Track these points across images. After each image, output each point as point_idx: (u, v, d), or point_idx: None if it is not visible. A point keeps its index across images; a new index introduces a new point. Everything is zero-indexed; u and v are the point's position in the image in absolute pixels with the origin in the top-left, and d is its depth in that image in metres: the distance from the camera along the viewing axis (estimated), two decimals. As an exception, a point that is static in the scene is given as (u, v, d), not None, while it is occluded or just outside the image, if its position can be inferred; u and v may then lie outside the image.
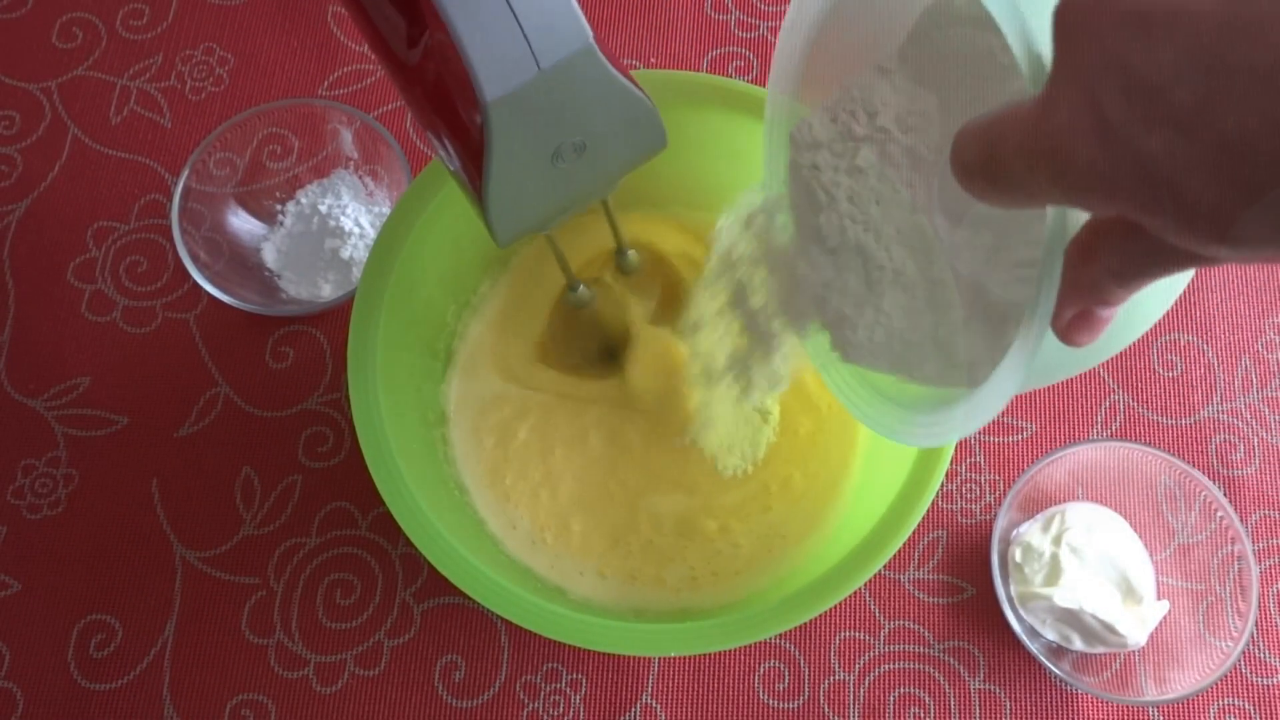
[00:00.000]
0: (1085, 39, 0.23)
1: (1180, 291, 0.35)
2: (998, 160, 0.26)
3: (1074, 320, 0.29)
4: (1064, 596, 0.53)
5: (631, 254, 0.54)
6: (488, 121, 0.35)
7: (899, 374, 0.39)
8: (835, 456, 0.56)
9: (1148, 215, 0.23)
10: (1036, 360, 0.30)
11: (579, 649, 0.45)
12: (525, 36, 0.34)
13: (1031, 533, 0.56)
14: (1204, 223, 0.22)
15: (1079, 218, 0.29)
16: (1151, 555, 0.56)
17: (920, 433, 0.38)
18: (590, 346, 0.58)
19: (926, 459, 0.47)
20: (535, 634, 0.45)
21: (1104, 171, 0.23)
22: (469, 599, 0.45)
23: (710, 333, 0.48)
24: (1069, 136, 0.24)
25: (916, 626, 0.57)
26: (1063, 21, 0.24)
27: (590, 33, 0.34)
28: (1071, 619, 0.54)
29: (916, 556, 0.58)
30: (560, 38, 0.34)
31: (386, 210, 0.63)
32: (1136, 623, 0.54)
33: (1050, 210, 0.28)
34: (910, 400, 0.40)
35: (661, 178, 0.57)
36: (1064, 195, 0.25)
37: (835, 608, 0.45)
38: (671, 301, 0.58)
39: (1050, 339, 0.30)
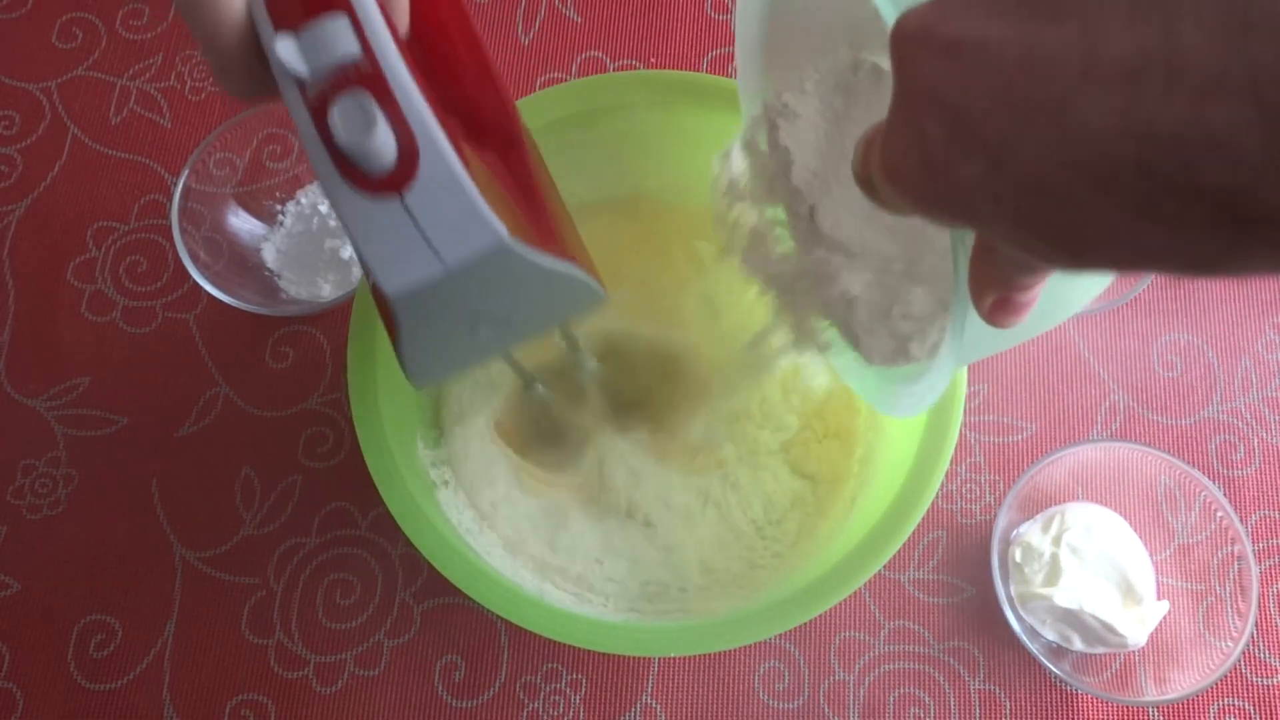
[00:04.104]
0: (910, 66, 0.23)
1: (1110, 276, 0.36)
2: (866, 176, 0.27)
3: (995, 304, 0.29)
4: (1064, 596, 0.53)
5: (592, 364, 0.53)
6: (394, 309, 0.33)
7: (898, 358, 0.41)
8: (835, 457, 0.56)
9: (985, 236, 0.24)
10: (968, 338, 0.32)
11: (579, 649, 0.45)
12: (426, 239, 0.31)
13: (1031, 533, 0.56)
14: (1038, 251, 0.22)
15: None
16: (1151, 555, 0.56)
17: (901, 403, 0.41)
18: (549, 435, 0.57)
19: (926, 459, 0.47)
20: (535, 634, 0.45)
21: (931, 196, 0.24)
22: (469, 599, 0.45)
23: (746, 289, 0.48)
24: (903, 160, 0.24)
25: (916, 626, 0.57)
26: (895, 46, 0.24)
27: (502, 231, 0.31)
28: (1071, 619, 0.54)
29: (916, 556, 0.58)
30: (464, 236, 0.31)
31: (386, 210, 0.63)
32: (1136, 623, 0.54)
33: None
34: (897, 374, 0.42)
35: (662, 178, 0.57)
36: (915, 211, 0.25)
37: (835, 608, 0.45)
38: (653, 400, 0.57)
39: (979, 320, 0.31)
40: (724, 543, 0.55)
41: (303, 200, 0.64)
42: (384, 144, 0.30)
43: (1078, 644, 0.55)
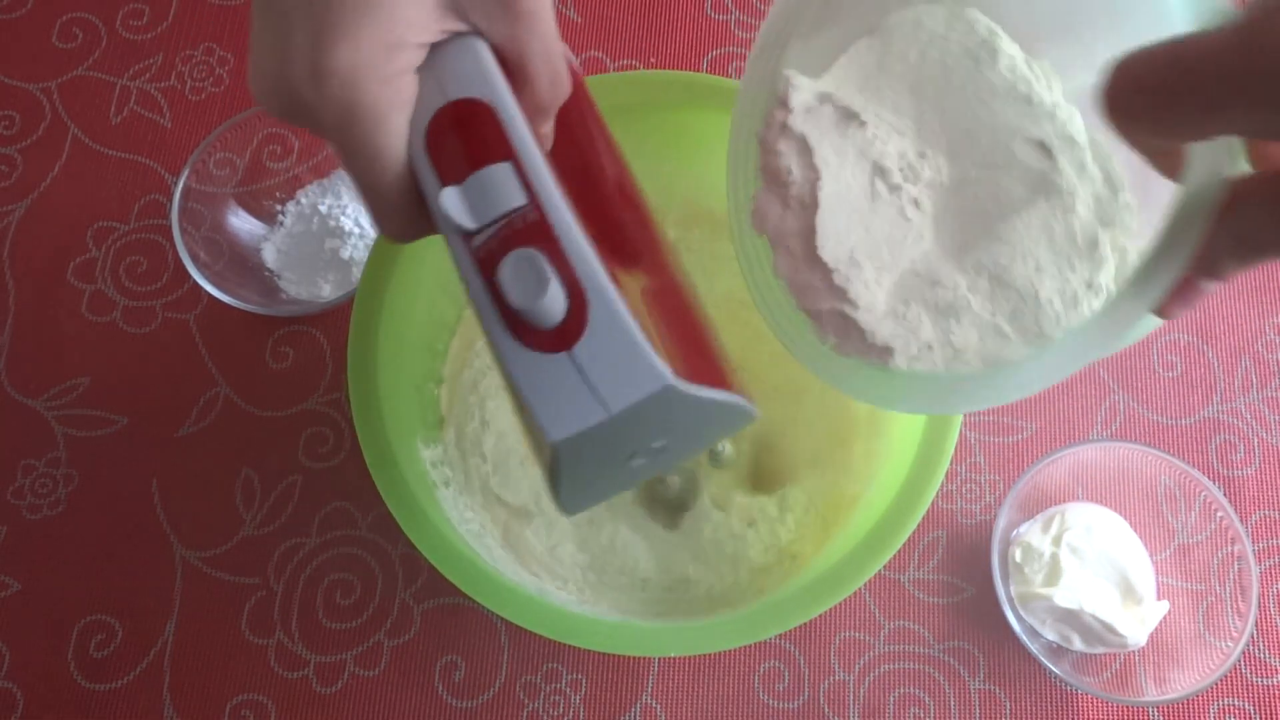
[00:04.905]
0: None
1: None
2: (1190, 84, 0.24)
3: (1181, 287, 0.28)
4: (1064, 596, 0.53)
5: (727, 446, 0.52)
6: (555, 453, 0.32)
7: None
8: (834, 457, 0.56)
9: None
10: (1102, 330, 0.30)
11: (579, 649, 0.45)
12: (592, 389, 0.30)
13: (1031, 533, 0.56)
14: None
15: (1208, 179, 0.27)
16: (1151, 555, 0.56)
17: (965, 398, 0.37)
18: (664, 513, 0.57)
19: (926, 459, 0.47)
20: (535, 634, 0.45)
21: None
22: (469, 599, 0.45)
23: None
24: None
25: (916, 626, 0.57)
26: None
27: (668, 374, 0.31)
28: (1071, 619, 0.54)
29: (916, 556, 0.58)
30: (633, 384, 0.31)
31: (386, 210, 0.63)
32: (1136, 623, 0.54)
33: (1201, 161, 0.27)
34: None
35: (662, 179, 0.57)
36: (1267, 119, 0.23)
37: (835, 608, 0.45)
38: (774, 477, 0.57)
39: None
40: (725, 543, 0.55)
41: (303, 200, 0.64)
42: (555, 301, 0.30)
43: (1078, 644, 0.55)
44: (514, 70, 0.32)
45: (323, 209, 0.63)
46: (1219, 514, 0.55)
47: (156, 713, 0.56)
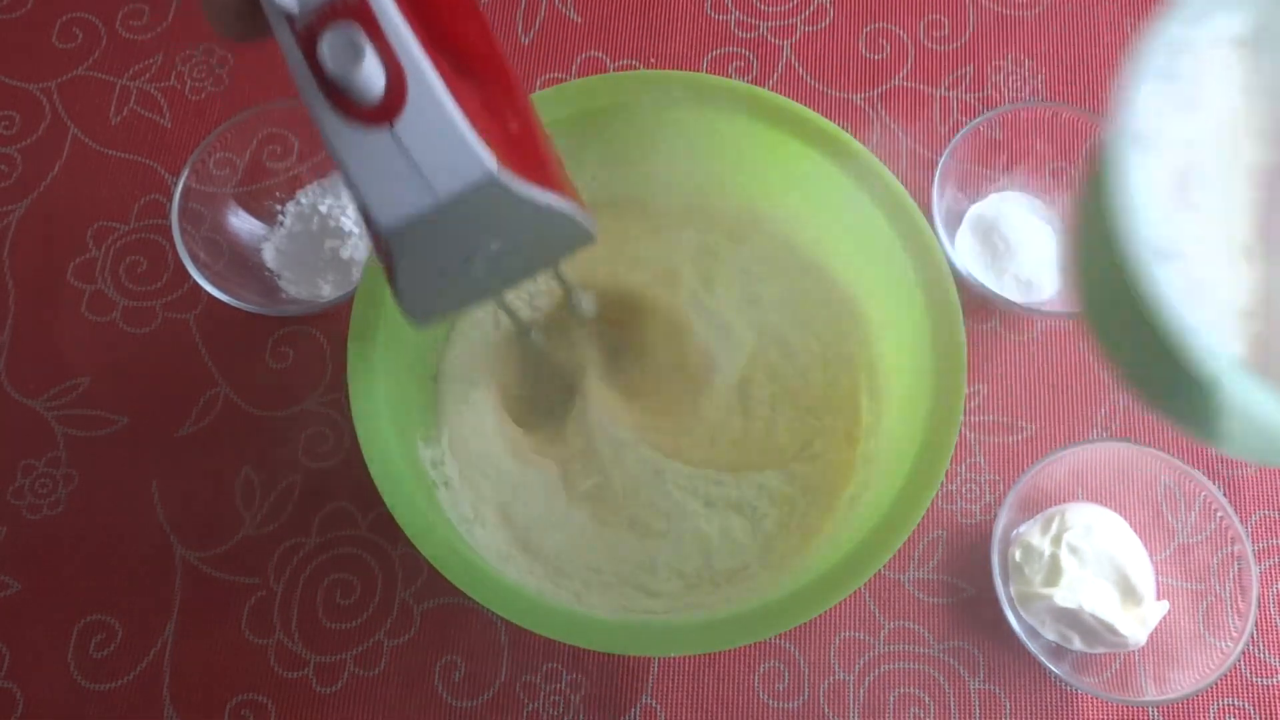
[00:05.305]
0: None
1: None
2: None
3: None
4: (1064, 596, 0.53)
5: (586, 298, 0.52)
6: (388, 241, 0.34)
7: None
8: (834, 457, 0.56)
9: None
10: None
11: (579, 649, 0.45)
12: (417, 169, 0.32)
13: (1031, 533, 0.56)
14: None
15: None
16: (1151, 555, 0.56)
17: None
18: (552, 395, 0.57)
19: (926, 459, 0.47)
20: (535, 634, 0.45)
21: None
22: (469, 599, 0.45)
23: None
24: None
25: (916, 626, 0.57)
26: None
27: (491, 163, 0.32)
28: (1071, 619, 0.54)
29: (916, 556, 0.58)
30: (454, 167, 0.32)
31: (386, 210, 0.63)
32: (1136, 623, 0.54)
33: None
34: None
35: (662, 179, 0.57)
36: None
37: (835, 608, 0.45)
38: (642, 345, 0.57)
39: None
40: (724, 543, 0.55)
41: (303, 200, 0.64)
42: (372, 74, 0.31)
43: (1078, 644, 0.55)
44: None
45: (323, 209, 0.63)
46: (1219, 514, 0.55)
47: (156, 713, 0.56)
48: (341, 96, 0.32)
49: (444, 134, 0.32)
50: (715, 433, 0.57)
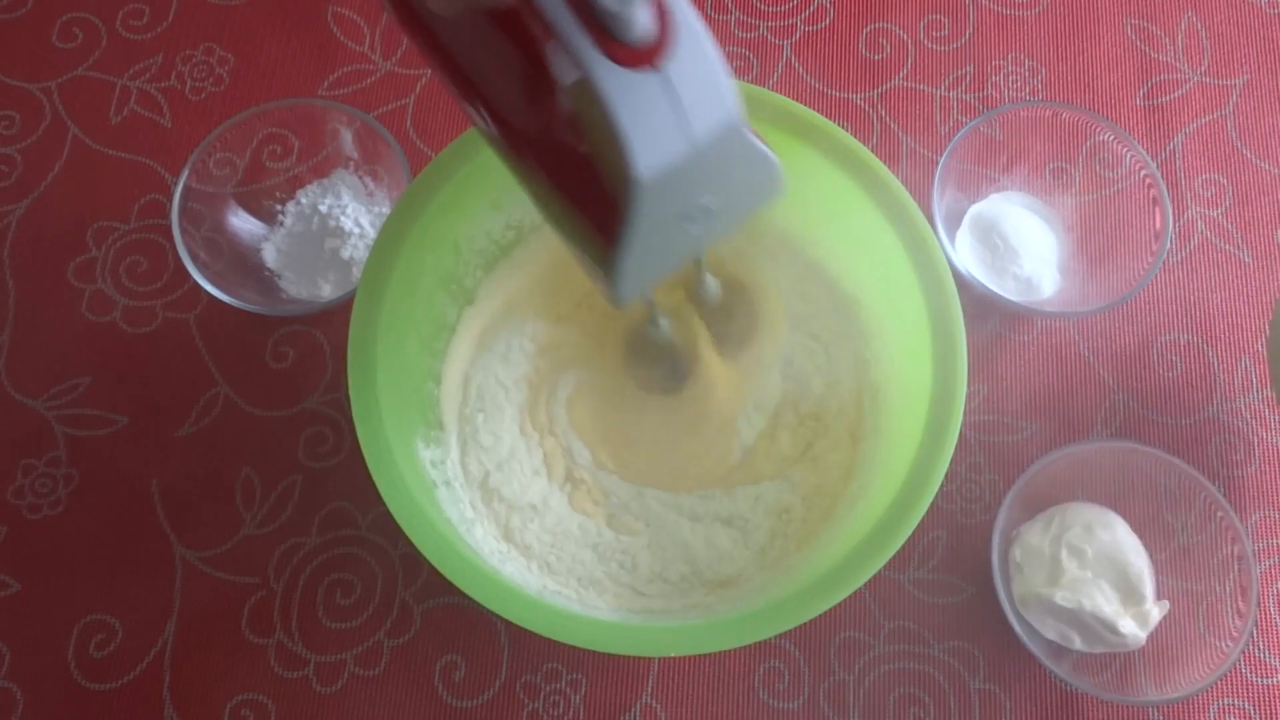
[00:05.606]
0: None
1: None
2: None
3: None
4: (1064, 596, 0.53)
5: (712, 281, 0.51)
6: (632, 198, 0.32)
7: None
8: (835, 457, 0.56)
9: None
10: None
11: (579, 649, 0.45)
12: (683, 112, 0.30)
13: (1031, 533, 0.56)
14: None
15: None
16: (1151, 555, 0.56)
17: None
18: (658, 372, 0.56)
19: (926, 459, 0.47)
20: (535, 634, 0.45)
21: None
22: (469, 599, 0.45)
23: None
24: None
25: (916, 626, 0.57)
26: None
27: (740, 108, 0.31)
28: (1071, 619, 0.54)
29: (916, 556, 0.58)
30: (714, 111, 0.31)
31: (386, 210, 0.63)
32: (1136, 623, 0.54)
33: None
34: None
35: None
36: None
37: (835, 608, 0.45)
38: (749, 330, 0.57)
39: None
40: (710, 553, 0.55)
41: (303, 200, 0.64)
42: (645, 10, 0.29)
43: (1078, 644, 0.55)
44: None
45: (323, 209, 0.63)
46: (1219, 514, 0.55)
47: (156, 713, 0.56)
48: (610, 38, 0.30)
49: (708, 76, 0.31)
50: (721, 455, 0.57)
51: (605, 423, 0.58)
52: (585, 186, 0.36)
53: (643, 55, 0.30)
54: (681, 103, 0.30)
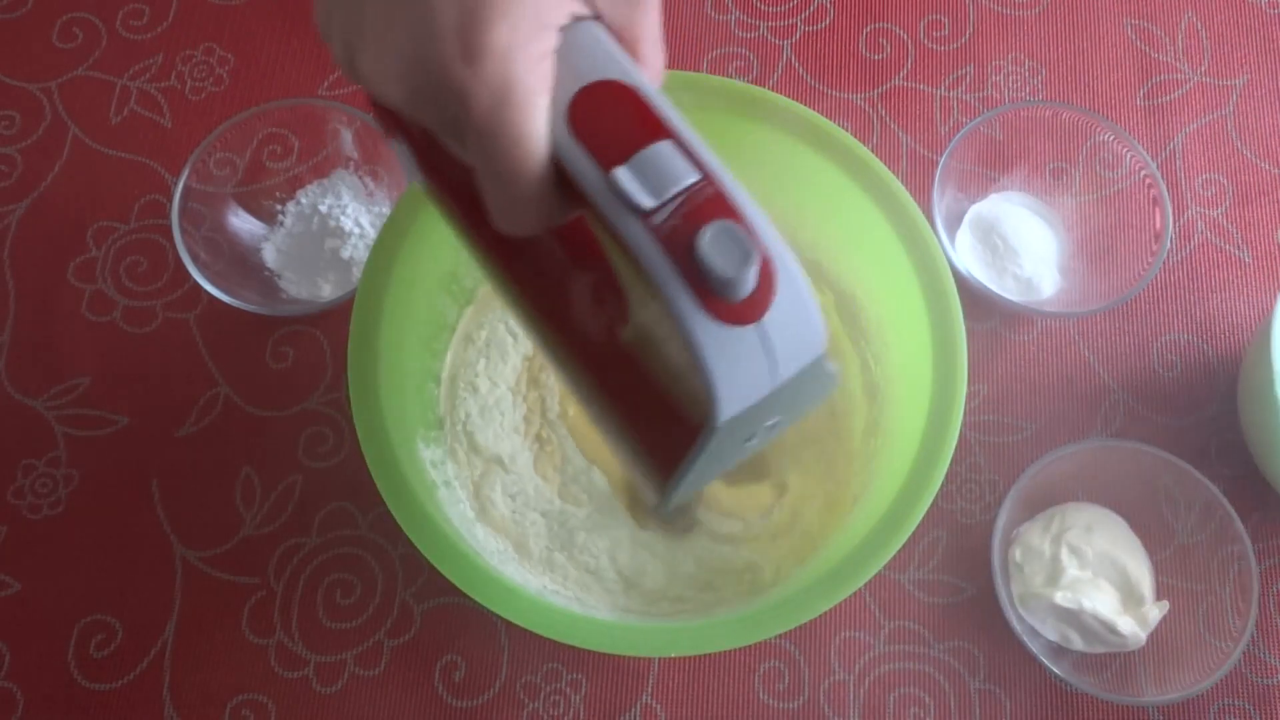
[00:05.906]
0: None
1: None
2: None
3: None
4: (1064, 596, 0.53)
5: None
6: (705, 439, 0.31)
7: None
8: (835, 458, 0.56)
9: None
10: None
11: (579, 649, 0.45)
12: (776, 358, 0.30)
13: (1031, 533, 0.56)
14: None
15: None
16: (1151, 555, 0.56)
17: None
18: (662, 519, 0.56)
19: (926, 459, 0.47)
20: (535, 634, 0.45)
21: None
22: (469, 599, 0.45)
23: None
24: None
25: (916, 626, 0.57)
26: None
27: (826, 341, 0.30)
28: (1071, 619, 0.54)
29: (916, 556, 0.58)
30: (804, 352, 0.30)
31: (386, 210, 0.63)
32: (1136, 623, 0.54)
33: None
34: None
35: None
36: None
37: (835, 608, 0.45)
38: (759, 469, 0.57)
39: None
40: (725, 544, 0.55)
41: (303, 200, 0.64)
42: (755, 271, 0.29)
43: (1078, 644, 0.55)
44: (629, 53, 0.32)
45: (323, 209, 0.63)
46: (1219, 514, 0.55)
47: (156, 713, 0.56)
48: (711, 294, 0.29)
49: (803, 321, 0.30)
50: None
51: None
52: (649, 413, 0.35)
53: (745, 313, 0.29)
54: (775, 351, 0.30)
